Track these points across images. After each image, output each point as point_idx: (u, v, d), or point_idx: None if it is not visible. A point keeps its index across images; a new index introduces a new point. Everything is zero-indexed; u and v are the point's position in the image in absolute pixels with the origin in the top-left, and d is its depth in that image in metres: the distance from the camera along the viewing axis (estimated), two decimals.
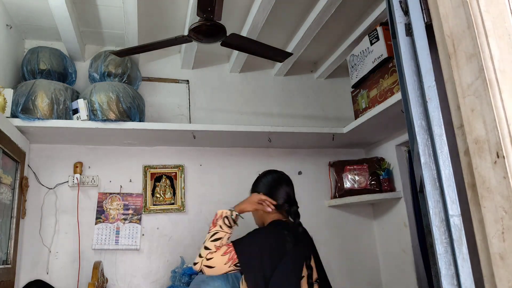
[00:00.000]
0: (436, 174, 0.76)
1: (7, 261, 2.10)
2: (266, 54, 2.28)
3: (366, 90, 2.63)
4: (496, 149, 0.64)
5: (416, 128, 0.80)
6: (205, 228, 2.78)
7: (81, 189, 2.56)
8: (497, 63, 0.67)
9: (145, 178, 2.71)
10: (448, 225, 0.72)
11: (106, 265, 2.49)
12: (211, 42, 2.04)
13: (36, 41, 2.67)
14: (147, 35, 2.59)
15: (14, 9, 2.34)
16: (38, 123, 2.25)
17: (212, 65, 3.08)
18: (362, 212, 3.05)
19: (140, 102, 2.54)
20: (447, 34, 0.74)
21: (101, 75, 2.51)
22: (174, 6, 2.46)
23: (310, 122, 3.13)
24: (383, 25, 2.42)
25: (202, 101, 2.98)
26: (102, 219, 2.56)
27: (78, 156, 2.62)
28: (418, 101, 0.81)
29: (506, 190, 0.62)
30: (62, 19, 2.25)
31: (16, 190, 2.22)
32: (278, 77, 3.21)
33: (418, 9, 0.83)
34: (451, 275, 0.71)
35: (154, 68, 2.94)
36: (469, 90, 0.69)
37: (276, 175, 1.90)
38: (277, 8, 2.33)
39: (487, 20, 0.69)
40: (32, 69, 2.41)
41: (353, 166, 2.86)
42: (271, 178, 1.88)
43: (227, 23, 2.04)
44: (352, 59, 2.77)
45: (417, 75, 0.83)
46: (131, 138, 2.59)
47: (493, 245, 0.64)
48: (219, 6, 1.80)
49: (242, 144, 2.87)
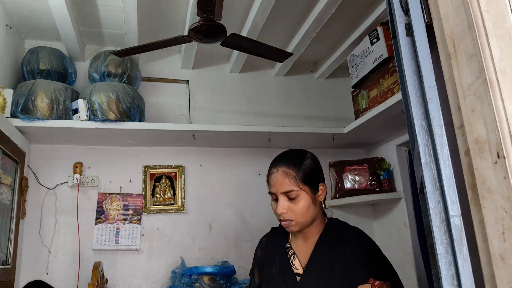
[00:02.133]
0: (437, 174, 0.76)
1: (7, 262, 2.10)
2: (266, 54, 2.28)
3: (367, 90, 2.63)
4: (496, 149, 0.64)
5: (417, 128, 0.79)
6: (205, 228, 2.79)
7: (81, 189, 2.56)
8: (497, 63, 0.67)
9: (145, 178, 2.71)
10: (449, 226, 0.72)
11: (106, 265, 2.49)
12: (211, 42, 2.04)
13: (36, 41, 2.67)
14: (147, 35, 2.59)
15: (14, 9, 2.34)
16: (38, 123, 2.24)
17: (212, 65, 3.08)
18: (363, 212, 3.05)
19: (140, 102, 2.54)
20: (447, 34, 0.74)
21: (101, 75, 2.51)
22: (174, 6, 2.46)
23: (310, 122, 3.13)
24: (383, 25, 2.42)
25: (202, 101, 2.98)
26: (102, 219, 2.56)
27: (78, 156, 2.62)
28: (418, 101, 0.81)
29: (507, 190, 0.62)
30: (62, 19, 2.25)
31: (16, 190, 2.22)
32: (278, 77, 3.21)
33: (418, 9, 0.82)
34: (451, 276, 0.71)
35: (154, 68, 2.94)
36: (470, 90, 0.69)
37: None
38: (277, 8, 2.33)
39: (487, 20, 0.69)
40: (32, 69, 2.41)
41: (354, 166, 2.86)
42: (318, 161, 1.42)
43: (227, 23, 2.03)
44: (352, 59, 2.77)
45: (417, 75, 0.82)
46: (131, 138, 2.58)
47: (494, 245, 0.64)
48: (219, 6, 1.80)
49: (242, 144, 2.87)
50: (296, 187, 1.28)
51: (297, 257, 1.35)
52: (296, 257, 1.35)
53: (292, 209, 1.28)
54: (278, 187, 1.30)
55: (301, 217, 1.28)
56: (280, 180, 1.30)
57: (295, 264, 1.34)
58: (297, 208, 1.28)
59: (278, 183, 1.30)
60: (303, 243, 1.36)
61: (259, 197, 2.85)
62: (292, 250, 1.37)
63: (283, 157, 1.37)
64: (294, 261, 1.34)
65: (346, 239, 1.31)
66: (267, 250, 1.44)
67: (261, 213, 2.83)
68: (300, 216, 1.28)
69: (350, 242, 1.30)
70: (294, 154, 1.38)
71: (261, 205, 2.85)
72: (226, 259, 2.68)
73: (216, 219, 2.78)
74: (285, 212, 1.28)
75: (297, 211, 1.28)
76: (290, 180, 1.29)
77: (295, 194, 1.28)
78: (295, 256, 1.35)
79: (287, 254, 1.37)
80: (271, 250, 1.42)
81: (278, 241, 1.42)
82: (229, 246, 2.76)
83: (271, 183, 1.34)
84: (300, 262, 1.33)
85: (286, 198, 1.29)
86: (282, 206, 1.28)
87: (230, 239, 2.77)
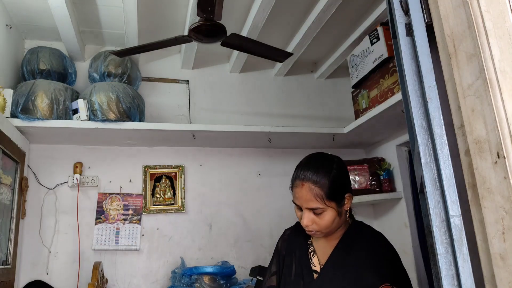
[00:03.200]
0: (437, 174, 0.76)
1: (7, 262, 2.10)
2: (266, 54, 2.28)
3: (367, 90, 2.62)
4: (496, 149, 0.64)
5: (417, 128, 0.79)
6: (205, 228, 2.79)
7: (81, 189, 2.56)
8: (497, 63, 0.67)
9: (145, 178, 2.71)
10: (449, 226, 0.72)
11: (106, 265, 2.49)
12: (211, 42, 2.04)
13: (36, 41, 2.67)
14: (147, 35, 2.58)
15: (14, 9, 2.34)
16: (38, 123, 2.24)
17: (212, 65, 3.08)
18: (363, 212, 3.05)
19: (140, 102, 2.54)
20: (447, 34, 0.74)
21: (101, 75, 2.51)
22: (174, 6, 2.46)
23: (310, 122, 3.13)
24: (383, 25, 2.42)
25: (202, 101, 2.98)
26: (102, 219, 2.56)
27: (78, 156, 2.62)
28: (418, 101, 0.81)
29: (507, 190, 0.62)
30: (62, 19, 2.25)
31: (16, 190, 2.22)
32: (278, 77, 3.21)
33: (418, 9, 0.82)
34: (451, 276, 0.71)
35: (154, 68, 2.94)
36: (470, 90, 0.69)
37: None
38: (277, 8, 2.33)
39: (487, 20, 0.69)
40: (32, 69, 2.41)
41: (354, 166, 2.86)
42: (346, 169, 1.40)
43: (227, 23, 2.03)
44: (352, 59, 2.76)
45: (417, 75, 0.82)
46: (131, 138, 2.58)
47: (494, 245, 0.64)
48: (219, 6, 1.80)
49: (242, 144, 2.87)
50: (322, 205, 1.25)
51: (316, 255, 1.36)
52: (315, 254, 1.36)
53: (317, 222, 1.27)
54: (303, 203, 1.28)
55: (326, 229, 1.29)
56: (306, 197, 1.27)
57: (314, 261, 1.35)
58: (323, 222, 1.27)
59: (304, 199, 1.28)
60: (325, 242, 1.37)
61: (259, 197, 2.85)
62: (313, 247, 1.39)
63: (310, 168, 1.30)
64: (313, 258, 1.36)
65: (365, 243, 1.31)
66: (289, 242, 1.45)
67: (261, 213, 2.83)
68: (325, 228, 1.29)
69: (368, 246, 1.30)
70: (321, 165, 1.31)
71: (261, 205, 2.85)
72: (226, 259, 2.68)
73: (216, 219, 2.78)
74: (310, 225, 1.28)
75: (322, 225, 1.28)
76: (316, 198, 1.25)
77: (321, 210, 1.26)
78: (314, 253, 1.37)
79: (307, 250, 1.39)
80: (292, 243, 1.44)
81: (301, 235, 1.43)
82: (229, 246, 2.76)
83: (296, 196, 1.31)
84: (318, 260, 1.35)
85: (311, 212, 1.28)
86: (307, 219, 1.28)
87: (230, 239, 2.77)
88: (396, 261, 1.30)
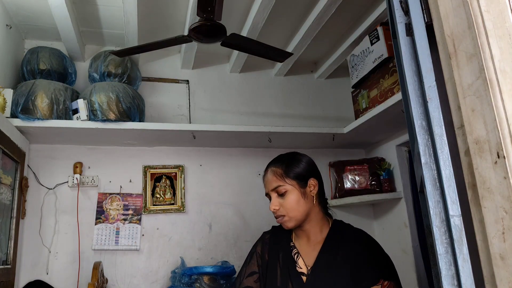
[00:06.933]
0: (437, 174, 0.76)
1: (7, 262, 2.10)
2: (266, 54, 2.28)
3: (367, 90, 2.62)
4: (496, 149, 0.64)
5: (417, 128, 0.79)
6: (205, 228, 2.79)
7: (81, 189, 2.56)
8: (497, 63, 0.67)
9: (145, 178, 2.71)
10: (449, 226, 0.72)
11: (106, 265, 2.49)
12: (211, 42, 2.04)
13: (36, 41, 2.67)
14: (147, 35, 2.59)
15: (14, 9, 2.34)
16: (38, 123, 2.24)
17: (212, 65, 3.08)
18: (363, 212, 3.05)
19: (140, 102, 2.54)
20: (447, 34, 0.74)
21: (101, 75, 2.51)
22: (174, 6, 2.46)
23: (310, 122, 3.13)
24: (383, 25, 2.42)
25: (202, 101, 2.98)
26: (102, 219, 2.56)
27: (78, 156, 2.62)
28: (418, 101, 0.81)
29: (507, 190, 0.62)
30: (62, 19, 2.25)
31: (16, 190, 2.22)
32: (278, 77, 3.21)
33: (418, 9, 0.82)
34: (451, 276, 0.71)
35: (154, 68, 2.94)
36: (470, 90, 0.69)
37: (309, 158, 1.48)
38: (277, 8, 2.33)
39: (487, 20, 0.69)
40: (32, 69, 2.41)
41: (354, 166, 2.86)
42: (311, 160, 1.46)
43: (227, 23, 2.04)
44: (352, 59, 2.76)
45: (417, 75, 0.82)
46: (131, 138, 2.58)
47: (494, 245, 0.64)
48: (219, 6, 1.80)
49: (242, 144, 2.87)
50: (282, 182, 1.34)
51: (301, 257, 1.36)
52: (300, 256, 1.37)
53: (282, 204, 1.33)
54: (268, 186, 1.38)
55: (292, 211, 1.33)
56: (269, 179, 1.38)
57: (299, 263, 1.35)
58: (287, 202, 1.33)
59: (268, 182, 1.39)
60: (306, 243, 1.38)
61: (259, 197, 2.85)
62: (296, 249, 1.39)
63: (274, 159, 1.45)
64: (298, 260, 1.36)
65: (353, 240, 1.34)
66: (271, 246, 1.45)
67: (261, 213, 2.83)
68: (291, 211, 1.33)
69: (357, 243, 1.32)
70: (284, 155, 1.46)
71: (261, 205, 2.85)
72: (226, 259, 2.68)
73: (216, 219, 2.78)
74: (277, 208, 1.34)
75: (287, 206, 1.33)
76: (277, 177, 1.36)
77: (283, 189, 1.33)
78: (299, 255, 1.37)
79: (291, 252, 1.39)
80: (274, 246, 1.44)
81: (282, 238, 1.44)
82: (229, 246, 2.76)
83: (264, 184, 1.42)
84: (304, 262, 1.35)
85: (276, 195, 1.35)
86: (274, 203, 1.35)
87: (230, 239, 2.77)
88: (384, 253, 1.34)
